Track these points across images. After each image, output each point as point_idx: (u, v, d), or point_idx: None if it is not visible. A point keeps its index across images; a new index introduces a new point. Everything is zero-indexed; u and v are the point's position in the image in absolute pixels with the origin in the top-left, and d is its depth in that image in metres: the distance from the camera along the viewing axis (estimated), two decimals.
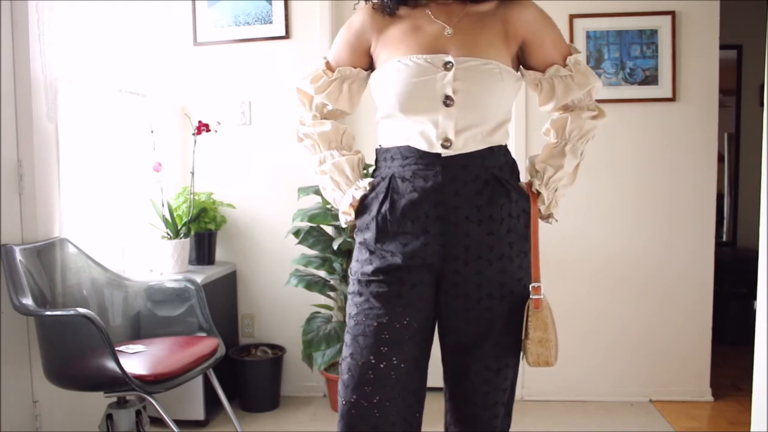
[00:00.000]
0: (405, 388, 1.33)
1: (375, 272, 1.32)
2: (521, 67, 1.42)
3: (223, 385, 2.24)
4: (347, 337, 1.36)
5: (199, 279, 2.48)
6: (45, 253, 2.11)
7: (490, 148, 1.33)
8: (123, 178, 2.64)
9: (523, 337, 1.35)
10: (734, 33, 3.42)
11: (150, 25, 2.86)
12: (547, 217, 1.45)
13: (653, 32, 2.78)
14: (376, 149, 1.42)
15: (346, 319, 1.39)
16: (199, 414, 2.60)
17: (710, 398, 2.86)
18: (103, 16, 2.51)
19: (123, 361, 1.85)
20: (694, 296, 2.84)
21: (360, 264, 1.37)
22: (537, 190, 1.41)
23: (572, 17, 2.78)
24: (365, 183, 1.39)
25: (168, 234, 2.67)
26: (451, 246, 1.31)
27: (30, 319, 2.03)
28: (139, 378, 1.85)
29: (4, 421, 1.95)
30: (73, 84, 2.28)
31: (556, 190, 1.42)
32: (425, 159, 1.31)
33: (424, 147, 1.31)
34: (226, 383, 2.37)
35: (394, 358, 1.31)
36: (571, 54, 1.40)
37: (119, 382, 1.83)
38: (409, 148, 1.33)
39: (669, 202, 2.84)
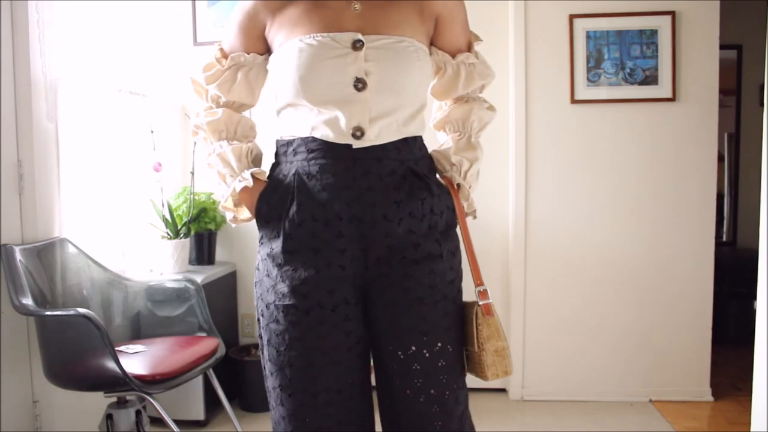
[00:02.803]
0: (348, 417, 1.20)
1: (291, 293, 1.16)
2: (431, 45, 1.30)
3: (223, 385, 2.24)
4: (270, 367, 1.21)
5: (199, 279, 2.48)
6: (45, 253, 2.11)
7: (405, 140, 1.20)
8: (123, 178, 2.64)
9: (475, 349, 1.19)
10: (734, 33, 3.42)
11: (150, 25, 2.86)
12: (468, 215, 1.33)
13: (653, 32, 2.78)
14: (276, 141, 1.26)
15: (263, 346, 1.23)
16: (199, 414, 2.60)
17: (710, 398, 2.86)
18: (103, 16, 2.51)
19: (123, 361, 1.85)
20: (694, 296, 2.84)
21: (272, 281, 1.19)
22: (458, 185, 1.28)
23: (572, 17, 2.78)
24: (248, 174, 1.23)
25: (168, 234, 2.67)
26: (372, 249, 1.16)
27: (30, 319, 2.03)
28: (139, 378, 1.85)
29: (4, 421, 1.95)
30: (73, 84, 2.28)
31: (470, 186, 1.31)
32: (334, 152, 1.15)
33: (331, 138, 1.15)
34: (226, 383, 2.37)
35: (327, 387, 1.17)
36: (473, 41, 1.32)
37: (119, 382, 1.83)
38: (314, 140, 1.16)
39: (669, 202, 2.84)
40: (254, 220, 1.26)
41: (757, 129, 2.64)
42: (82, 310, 1.83)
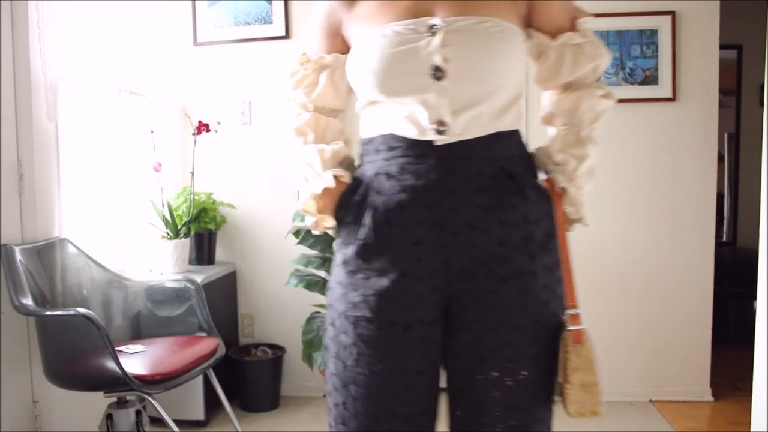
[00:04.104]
0: None
1: (363, 304, 1.06)
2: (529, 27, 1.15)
3: (223, 385, 2.24)
4: (335, 381, 1.13)
5: (199, 279, 2.48)
6: (45, 253, 2.11)
7: (498, 135, 1.06)
8: (123, 178, 2.64)
9: (560, 380, 1.07)
10: (734, 33, 3.41)
11: (150, 25, 2.86)
12: (575, 222, 1.17)
13: (653, 32, 2.78)
14: (360, 141, 1.17)
15: (330, 358, 1.14)
16: (199, 414, 2.60)
17: (710, 398, 2.86)
18: (103, 16, 2.51)
19: (123, 361, 1.85)
20: (694, 296, 2.84)
21: (343, 289, 1.10)
22: (563, 188, 1.12)
23: None
24: (329, 175, 1.12)
25: (168, 234, 2.67)
26: (456, 260, 1.03)
27: (30, 319, 2.03)
28: (139, 378, 1.85)
29: (4, 421, 1.95)
30: (73, 84, 2.28)
31: (579, 189, 1.16)
32: (415, 149, 1.04)
33: (412, 134, 1.05)
34: (226, 383, 2.37)
35: (395, 412, 1.07)
36: (579, 17, 1.15)
37: (119, 382, 1.83)
38: (394, 137, 1.07)
39: (669, 202, 2.84)
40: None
41: (757, 129, 2.64)
42: (82, 310, 1.83)
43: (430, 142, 1.04)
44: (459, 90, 1.03)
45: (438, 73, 1.02)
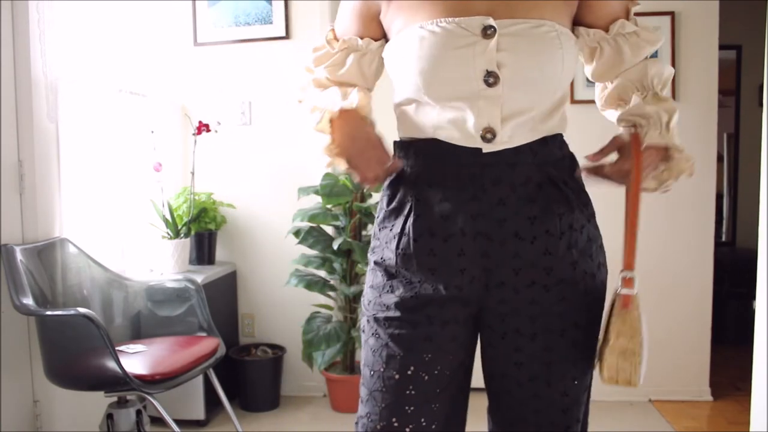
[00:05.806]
0: None
1: (398, 305, 1.03)
2: (575, 26, 1.10)
3: (223, 384, 2.24)
4: (363, 391, 1.07)
5: (199, 279, 2.48)
6: (45, 253, 2.11)
7: (544, 140, 1.03)
8: (123, 178, 2.64)
9: (600, 341, 1.05)
10: (734, 33, 3.42)
11: (150, 25, 2.86)
12: (680, 174, 1.16)
13: None
14: (394, 143, 1.11)
15: (361, 367, 1.10)
16: (199, 414, 2.60)
17: (710, 398, 2.86)
18: (103, 16, 2.51)
19: (123, 360, 1.85)
20: (694, 296, 2.85)
21: (376, 291, 1.07)
22: (649, 141, 1.07)
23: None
24: (355, 95, 1.07)
25: (168, 234, 2.67)
26: (497, 270, 1.02)
27: (30, 319, 2.03)
28: (140, 378, 1.85)
29: (4, 421, 1.96)
30: (73, 84, 2.29)
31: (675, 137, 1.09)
32: (459, 157, 1.00)
33: (457, 140, 1.00)
34: (226, 383, 2.37)
35: (423, 420, 1.03)
36: (630, 7, 1.13)
37: (119, 381, 1.83)
38: (437, 143, 1.02)
39: (668, 202, 2.82)
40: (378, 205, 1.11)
41: (756, 129, 2.64)
42: (82, 310, 1.83)
43: (476, 150, 1.00)
44: (511, 97, 0.99)
45: (490, 79, 0.98)
